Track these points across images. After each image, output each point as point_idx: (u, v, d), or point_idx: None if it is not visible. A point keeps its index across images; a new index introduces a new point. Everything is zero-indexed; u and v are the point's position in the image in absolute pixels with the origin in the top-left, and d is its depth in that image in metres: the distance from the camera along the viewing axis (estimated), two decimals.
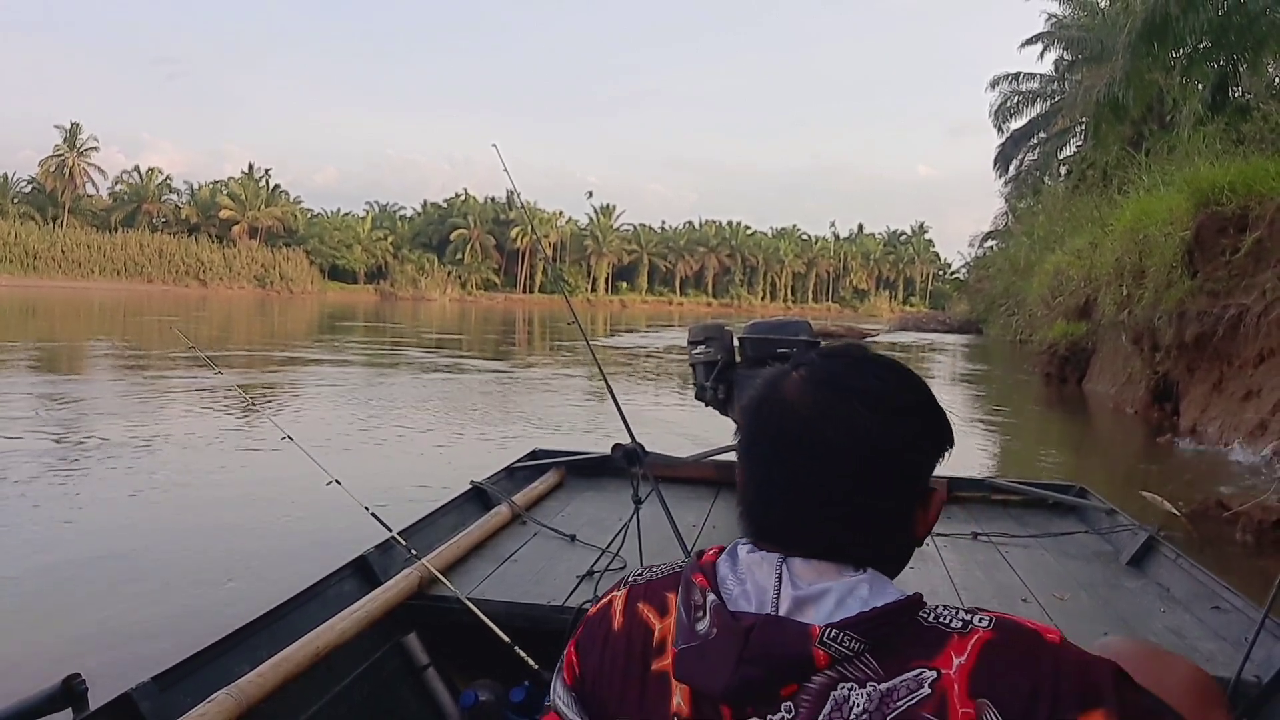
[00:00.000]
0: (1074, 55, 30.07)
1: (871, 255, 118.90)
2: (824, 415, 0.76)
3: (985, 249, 45.40)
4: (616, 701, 0.78)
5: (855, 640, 0.68)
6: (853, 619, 0.69)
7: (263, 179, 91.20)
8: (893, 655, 0.68)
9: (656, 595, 0.80)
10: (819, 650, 0.68)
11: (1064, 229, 21.44)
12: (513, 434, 9.17)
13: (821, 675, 0.68)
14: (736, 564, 0.77)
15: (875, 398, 0.76)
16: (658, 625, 0.78)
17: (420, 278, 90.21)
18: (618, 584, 0.85)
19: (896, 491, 0.77)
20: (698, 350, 3.62)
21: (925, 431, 0.79)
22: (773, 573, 0.74)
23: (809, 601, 0.71)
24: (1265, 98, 14.89)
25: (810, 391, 0.77)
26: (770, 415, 0.79)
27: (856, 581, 0.73)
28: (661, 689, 0.75)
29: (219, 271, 79.04)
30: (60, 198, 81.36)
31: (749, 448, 0.81)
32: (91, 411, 9.97)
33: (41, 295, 48.89)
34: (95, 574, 4.37)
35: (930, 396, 0.81)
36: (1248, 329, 9.14)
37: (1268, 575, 5.18)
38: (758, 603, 0.73)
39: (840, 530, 0.75)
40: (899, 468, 0.77)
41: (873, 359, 0.82)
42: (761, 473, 0.79)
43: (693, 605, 0.74)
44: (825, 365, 0.80)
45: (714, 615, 0.72)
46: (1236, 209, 9.78)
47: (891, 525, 0.77)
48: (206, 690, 1.50)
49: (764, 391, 0.81)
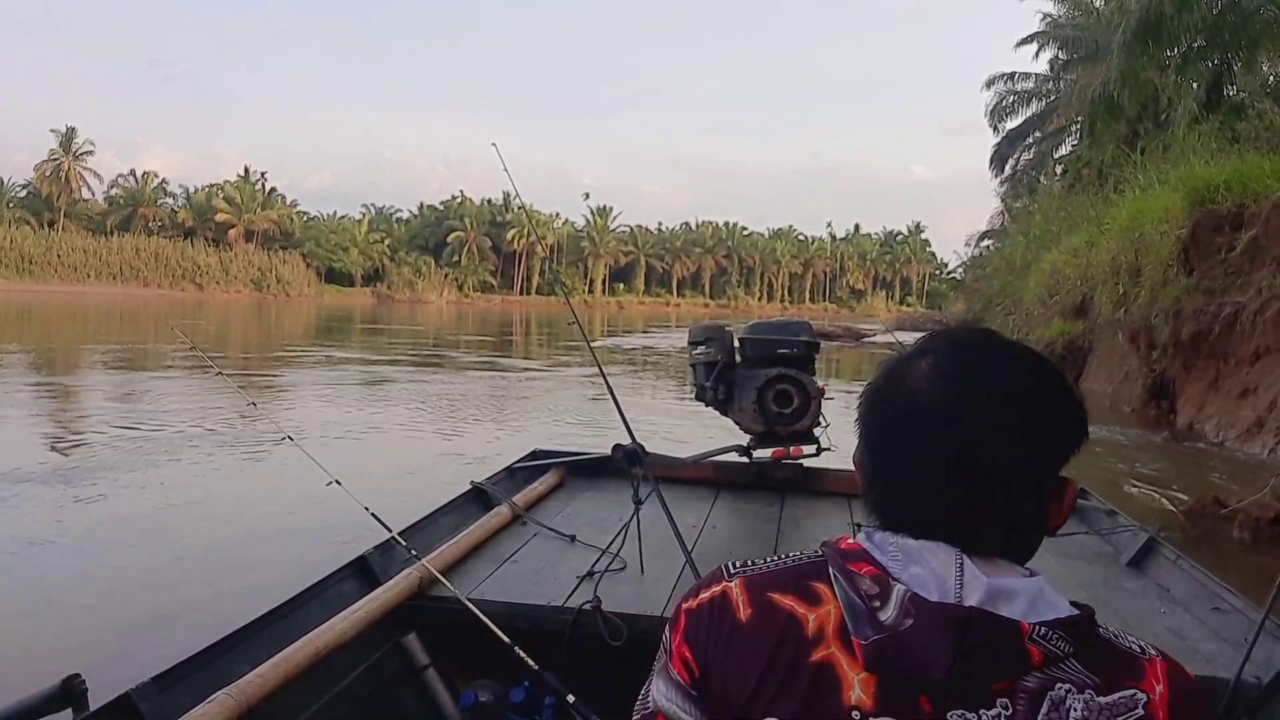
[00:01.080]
0: (1069, 54, 30.13)
1: (868, 255, 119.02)
2: (954, 410, 0.72)
3: (982, 249, 45.44)
4: (752, 696, 0.72)
5: (1065, 642, 0.68)
6: (1053, 621, 0.68)
7: (258, 182, 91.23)
8: (1102, 667, 0.69)
9: (795, 584, 0.75)
10: (1033, 647, 0.67)
11: (1060, 228, 21.45)
12: (522, 428, 9.17)
13: (1038, 674, 0.67)
14: (885, 550, 0.73)
15: (1008, 389, 0.73)
16: (810, 615, 0.73)
17: (417, 280, 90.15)
18: (717, 575, 0.80)
19: (1032, 485, 0.74)
20: (698, 351, 3.63)
21: (1060, 421, 0.75)
22: (951, 562, 0.71)
23: (1001, 597, 0.69)
24: (1260, 96, 14.93)
25: (939, 384, 0.74)
26: (895, 409, 0.76)
27: (1039, 583, 0.71)
28: (829, 680, 0.70)
29: (215, 275, 78.91)
30: (56, 202, 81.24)
31: (872, 440, 0.78)
32: (92, 413, 9.97)
33: (38, 300, 48.79)
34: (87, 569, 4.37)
35: (1064, 384, 0.77)
36: (1244, 327, 9.16)
37: (1265, 572, 5.20)
38: (941, 592, 0.69)
39: (990, 527, 0.72)
40: (1034, 461, 0.73)
41: (1004, 346, 0.77)
42: (888, 467, 0.77)
43: (864, 594, 0.70)
44: (954, 355, 0.76)
45: (908, 605, 0.69)
46: (1232, 207, 9.82)
47: (1028, 520, 0.75)
48: (206, 690, 1.50)
49: (886, 382, 0.78)
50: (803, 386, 3.40)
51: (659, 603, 2.15)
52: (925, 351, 0.77)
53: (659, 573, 2.36)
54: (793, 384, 3.40)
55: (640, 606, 2.11)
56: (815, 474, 3.41)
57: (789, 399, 3.39)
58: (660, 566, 2.39)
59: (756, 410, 3.37)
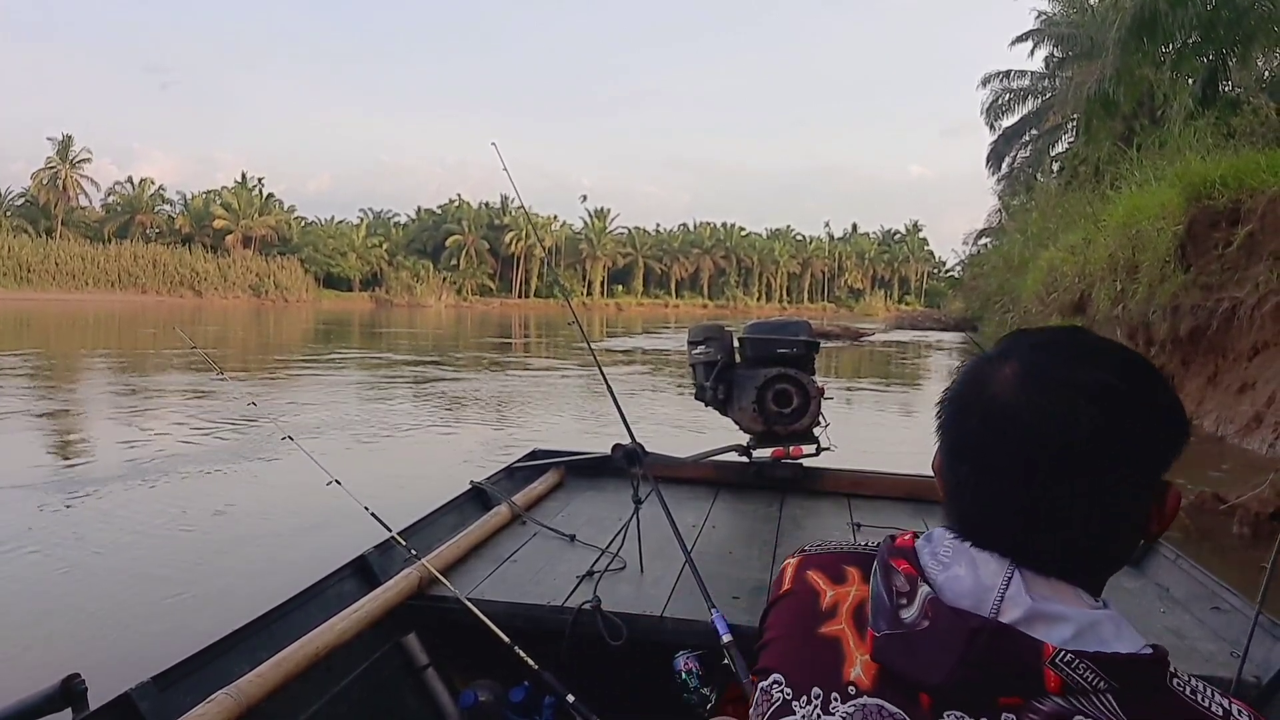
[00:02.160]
0: (1064, 52, 30.21)
1: (866, 255, 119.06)
2: (1041, 415, 0.69)
3: (979, 247, 45.54)
4: (781, 656, 0.78)
5: (1096, 676, 0.64)
6: (1093, 655, 0.64)
7: (256, 188, 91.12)
8: (1146, 715, 0.64)
9: (832, 565, 0.80)
10: (1050, 671, 0.64)
11: (1057, 225, 21.48)
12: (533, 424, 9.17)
13: (1054, 701, 0.64)
14: (938, 550, 0.73)
15: (1101, 392, 0.68)
16: (828, 591, 0.78)
17: (415, 284, 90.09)
18: (793, 552, 0.86)
19: (1132, 492, 0.70)
20: (697, 350, 3.63)
21: (1159, 422, 0.71)
22: (1000, 574, 0.69)
23: (1042, 619, 0.67)
24: (1255, 91, 14.97)
25: (1026, 390, 0.70)
26: (978, 413, 0.72)
27: (1099, 616, 0.68)
28: (831, 653, 0.74)
29: (214, 281, 78.85)
30: (53, 210, 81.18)
31: (953, 446, 0.75)
32: (92, 416, 9.97)
33: (36, 308, 48.76)
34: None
35: (1161, 381, 0.73)
36: (1241, 322, 9.17)
37: (1263, 567, 5.20)
38: (974, 601, 0.68)
39: (1068, 540, 0.69)
40: (1134, 466, 0.70)
41: (1092, 346, 0.73)
42: (968, 473, 0.73)
43: (895, 590, 0.71)
44: (1040, 358, 0.72)
45: (927, 607, 0.69)
46: (1228, 203, 9.82)
47: (1125, 528, 0.71)
48: (206, 690, 1.50)
49: (968, 390, 0.74)
50: (802, 386, 3.40)
51: (658, 602, 2.14)
52: (1007, 354, 0.74)
53: (658, 572, 2.36)
54: (792, 384, 3.40)
55: (640, 606, 2.11)
56: (815, 473, 3.41)
57: (788, 399, 3.39)
58: (660, 566, 2.40)
59: (756, 410, 3.37)
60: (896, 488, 3.32)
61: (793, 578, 0.82)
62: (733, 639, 1.74)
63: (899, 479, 3.37)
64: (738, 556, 2.57)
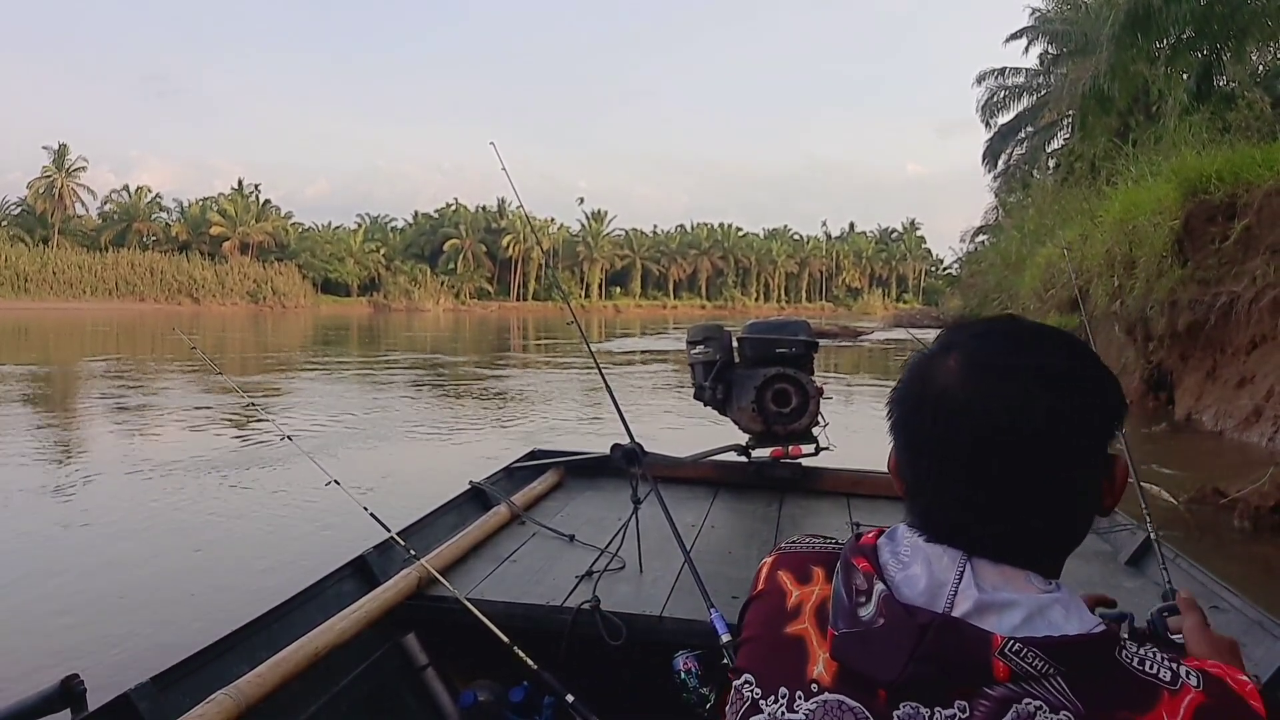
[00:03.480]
0: (1059, 49, 30.19)
1: (864, 254, 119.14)
2: (991, 403, 0.70)
3: (976, 244, 45.46)
4: (751, 656, 0.79)
5: (1044, 662, 0.65)
6: (1040, 640, 0.66)
7: (252, 194, 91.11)
8: (1093, 694, 0.65)
9: (800, 564, 0.81)
10: (999, 661, 0.65)
11: (1054, 222, 21.46)
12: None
13: (1003, 687, 0.65)
14: (899, 549, 0.74)
15: (1044, 374, 0.71)
16: (794, 591, 0.79)
17: (413, 289, 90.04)
18: (771, 550, 0.86)
19: (1083, 469, 0.72)
20: (696, 350, 3.63)
21: (1100, 398, 0.73)
22: (953, 568, 0.70)
23: (992, 609, 0.68)
24: (1249, 86, 14.99)
25: (971, 378, 0.72)
26: (928, 408, 0.74)
27: (1049, 600, 0.69)
28: (796, 652, 0.75)
29: (211, 288, 78.78)
30: (50, 219, 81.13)
31: (908, 443, 0.76)
32: (100, 417, 9.96)
33: (33, 317, 48.73)
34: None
35: (1097, 359, 0.76)
36: (1239, 316, 9.18)
37: (1266, 561, 5.21)
38: (929, 597, 0.70)
39: (1026, 524, 0.71)
40: (1082, 442, 0.71)
41: (1032, 331, 0.76)
42: (926, 469, 0.74)
43: (854, 589, 0.72)
44: (982, 346, 0.74)
45: (881, 605, 0.70)
46: (1224, 197, 9.83)
47: (1081, 504, 0.74)
48: (205, 691, 1.50)
49: (915, 385, 0.76)
50: (801, 386, 3.40)
51: (658, 602, 2.14)
52: (949, 346, 0.75)
53: (658, 572, 2.36)
54: (791, 383, 3.40)
55: (639, 606, 2.11)
56: (814, 473, 3.41)
57: (787, 398, 3.39)
58: (659, 566, 2.39)
59: (755, 410, 3.37)
60: (895, 487, 3.31)
61: (765, 578, 0.83)
62: (732, 639, 1.74)
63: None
64: (737, 556, 2.57)
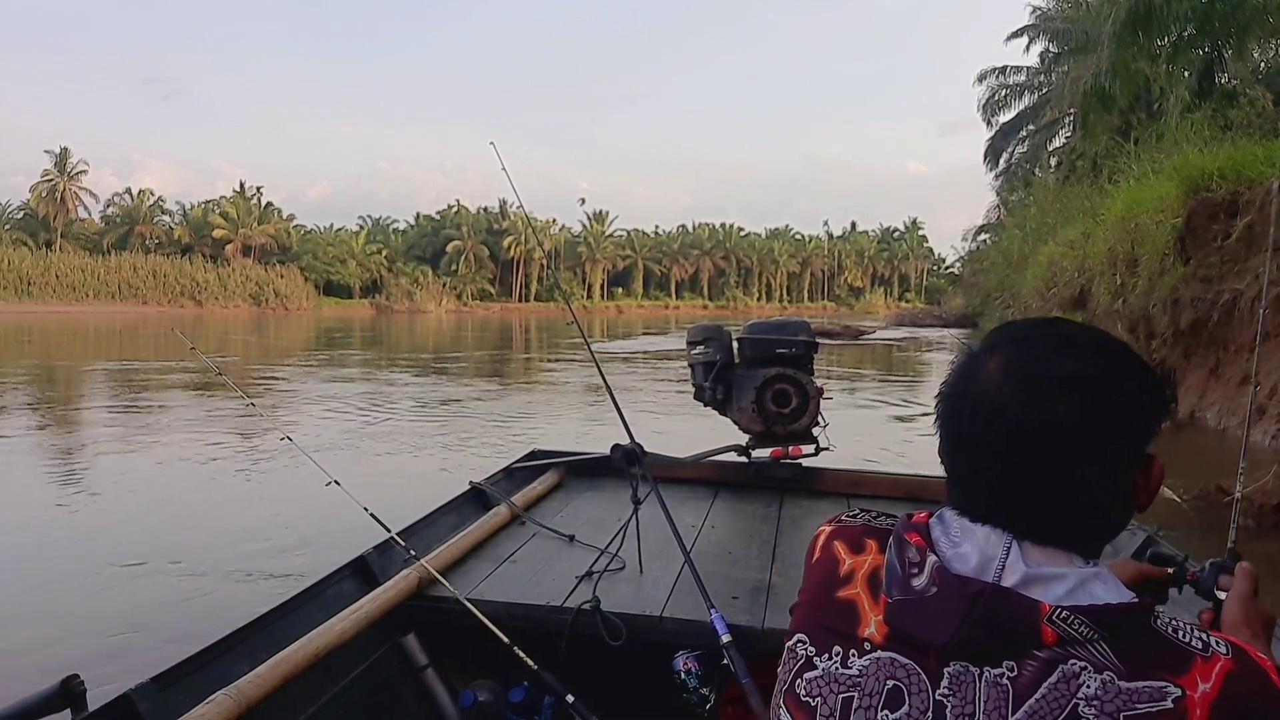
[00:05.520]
0: (1059, 47, 30.16)
1: (865, 253, 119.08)
2: (1031, 406, 0.75)
3: (978, 243, 45.48)
4: (804, 618, 0.85)
5: (1088, 628, 0.70)
6: (1084, 607, 0.71)
7: (254, 197, 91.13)
8: (1134, 655, 0.69)
9: (854, 536, 0.87)
10: (1047, 627, 0.70)
11: (1056, 220, 21.48)
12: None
13: (1050, 650, 0.70)
14: (949, 529, 0.80)
15: (1083, 378, 0.75)
16: (847, 560, 0.85)
17: (415, 290, 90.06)
18: (828, 519, 0.93)
19: (1119, 466, 0.77)
20: (696, 350, 3.62)
21: (1135, 402, 0.78)
22: (1001, 544, 0.76)
23: (1039, 580, 0.73)
24: (1251, 83, 14.96)
25: (1012, 381, 0.76)
26: (969, 406, 0.79)
27: (1090, 574, 0.74)
28: (848, 614, 0.81)
29: (214, 291, 78.84)
30: (52, 222, 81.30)
31: (949, 435, 0.82)
32: (104, 419, 9.99)
33: (36, 320, 48.82)
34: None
35: (1138, 360, 0.80)
36: (1242, 313, 9.16)
37: (1270, 559, 5.20)
38: (978, 569, 0.75)
39: (1067, 514, 0.76)
40: (1115, 445, 0.77)
41: (1070, 334, 0.80)
42: (971, 464, 0.79)
43: (908, 561, 0.78)
44: (1022, 350, 0.79)
45: (935, 574, 0.75)
46: (1226, 195, 9.81)
47: (1117, 499, 0.78)
48: (205, 691, 1.50)
49: (960, 384, 0.81)
50: (801, 386, 3.40)
51: (658, 602, 2.14)
52: (993, 349, 0.80)
53: (658, 572, 2.35)
54: (791, 384, 3.40)
55: (639, 606, 2.11)
56: (814, 473, 3.40)
57: (787, 398, 3.39)
58: (659, 566, 2.39)
59: (755, 410, 3.37)
60: (896, 487, 3.31)
61: (821, 547, 0.89)
62: (732, 639, 1.74)
63: (898, 479, 3.37)
64: (737, 557, 2.56)
